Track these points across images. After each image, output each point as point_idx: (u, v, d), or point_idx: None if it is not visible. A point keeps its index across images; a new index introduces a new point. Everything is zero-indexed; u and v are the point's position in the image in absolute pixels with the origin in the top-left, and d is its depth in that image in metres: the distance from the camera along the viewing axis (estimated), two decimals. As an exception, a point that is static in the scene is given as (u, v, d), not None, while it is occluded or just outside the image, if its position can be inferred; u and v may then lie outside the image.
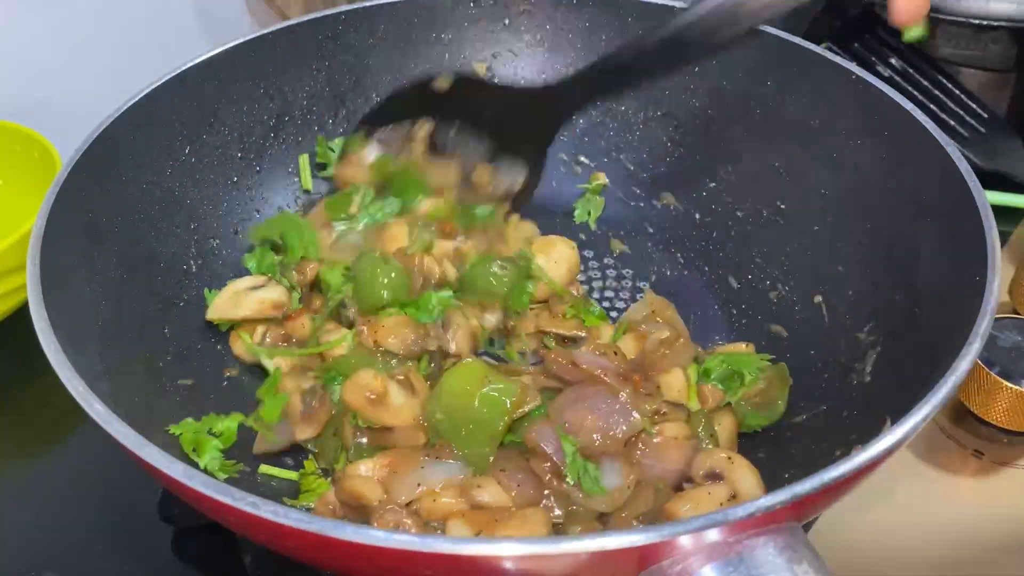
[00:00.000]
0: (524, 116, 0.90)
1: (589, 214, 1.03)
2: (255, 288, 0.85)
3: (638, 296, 0.95)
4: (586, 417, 0.73)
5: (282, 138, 0.98)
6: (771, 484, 0.74)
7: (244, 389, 0.84)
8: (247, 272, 0.91)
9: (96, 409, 0.58)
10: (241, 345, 0.84)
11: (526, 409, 0.74)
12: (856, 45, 1.19)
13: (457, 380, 0.74)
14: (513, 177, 0.92)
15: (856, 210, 0.86)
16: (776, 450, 0.78)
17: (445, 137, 0.93)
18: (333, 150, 1.00)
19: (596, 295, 0.96)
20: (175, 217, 0.88)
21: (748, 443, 0.79)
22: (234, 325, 0.85)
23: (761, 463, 0.77)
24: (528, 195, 0.94)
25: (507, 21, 1.03)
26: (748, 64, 0.95)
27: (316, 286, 0.88)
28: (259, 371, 0.84)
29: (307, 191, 0.99)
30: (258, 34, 0.94)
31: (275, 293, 0.85)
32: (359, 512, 0.71)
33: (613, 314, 0.93)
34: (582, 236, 1.02)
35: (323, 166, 1.00)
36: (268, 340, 0.84)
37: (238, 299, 0.84)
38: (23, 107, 1.13)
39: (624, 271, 0.99)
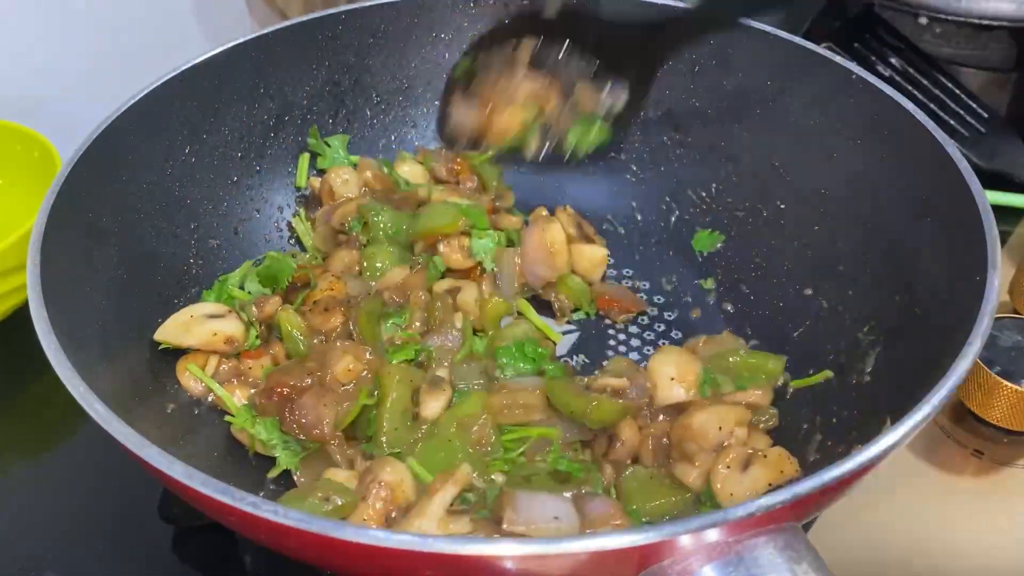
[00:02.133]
0: (632, 40, 0.90)
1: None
2: (213, 316, 0.80)
3: (638, 296, 0.95)
4: None
5: (282, 138, 0.98)
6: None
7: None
8: (247, 272, 0.91)
9: (96, 409, 0.58)
10: (188, 376, 0.79)
11: None
12: (856, 45, 1.19)
13: None
14: (616, 96, 0.91)
15: (856, 210, 0.86)
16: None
17: (548, 56, 0.91)
18: (329, 144, 0.99)
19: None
20: (175, 217, 0.88)
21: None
22: (186, 350, 0.81)
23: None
24: (631, 115, 0.94)
25: (507, 21, 1.03)
26: (748, 64, 0.95)
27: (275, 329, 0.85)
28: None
29: (298, 188, 0.99)
30: (258, 34, 0.94)
31: (231, 327, 0.80)
32: None
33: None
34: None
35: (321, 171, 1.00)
36: (222, 375, 0.79)
37: (190, 325, 0.79)
38: (23, 107, 1.13)
39: (624, 271, 0.99)
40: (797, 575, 0.51)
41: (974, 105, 1.15)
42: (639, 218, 1.03)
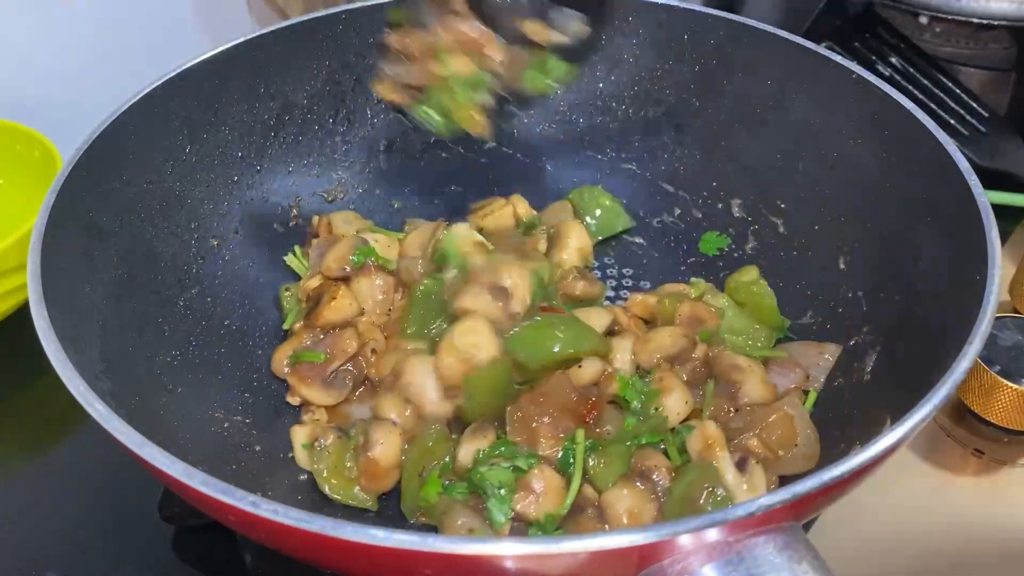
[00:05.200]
0: None
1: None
2: None
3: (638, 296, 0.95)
4: None
5: (283, 137, 0.98)
6: (771, 483, 0.74)
7: (243, 387, 0.84)
8: (248, 272, 0.92)
9: (96, 409, 0.58)
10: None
11: None
12: (856, 44, 1.19)
13: None
14: (567, 24, 0.82)
15: (856, 210, 0.86)
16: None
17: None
18: (304, 262, 0.95)
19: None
20: (175, 217, 0.88)
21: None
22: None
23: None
24: (591, 46, 0.86)
25: (507, 20, 1.03)
26: (748, 64, 0.95)
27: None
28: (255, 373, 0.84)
29: (293, 271, 0.96)
30: (259, 33, 0.94)
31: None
32: None
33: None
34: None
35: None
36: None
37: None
38: (24, 107, 1.14)
39: (624, 270, 0.99)
40: (797, 575, 0.51)
41: (974, 104, 1.15)
42: (640, 214, 1.03)
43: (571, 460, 0.73)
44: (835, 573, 0.52)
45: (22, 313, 0.89)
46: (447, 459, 0.76)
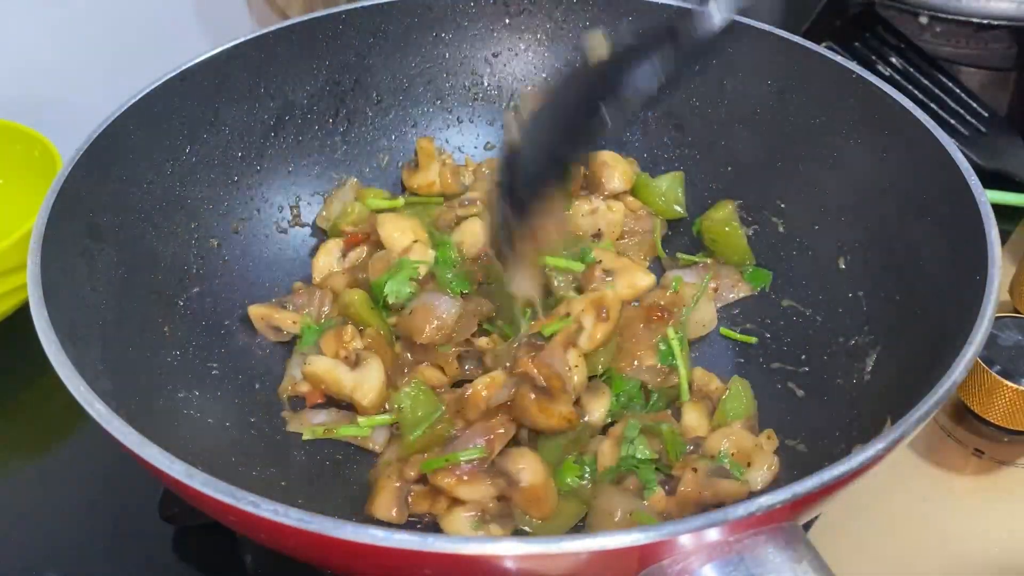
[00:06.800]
0: None
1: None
2: None
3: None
4: None
5: (283, 137, 0.98)
6: (772, 483, 0.74)
7: (243, 387, 0.84)
8: (248, 272, 0.92)
9: (96, 409, 0.58)
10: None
11: None
12: (856, 44, 1.20)
13: None
14: None
15: (856, 209, 0.86)
16: (777, 449, 0.78)
17: None
18: None
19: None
20: (175, 217, 0.88)
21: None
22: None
23: (761, 462, 0.77)
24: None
25: (507, 20, 1.03)
26: (749, 64, 0.95)
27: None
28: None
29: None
30: (259, 33, 0.94)
31: None
32: None
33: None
34: (582, 235, 1.02)
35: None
36: None
37: None
38: (23, 107, 1.13)
39: (624, 270, 0.99)
40: (797, 574, 0.51)
41: (974, 104, 1.15)
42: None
43: (671, 357, 0.81)
44: (835, 573, 0.52)
45: (22, 313, 0.89)
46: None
